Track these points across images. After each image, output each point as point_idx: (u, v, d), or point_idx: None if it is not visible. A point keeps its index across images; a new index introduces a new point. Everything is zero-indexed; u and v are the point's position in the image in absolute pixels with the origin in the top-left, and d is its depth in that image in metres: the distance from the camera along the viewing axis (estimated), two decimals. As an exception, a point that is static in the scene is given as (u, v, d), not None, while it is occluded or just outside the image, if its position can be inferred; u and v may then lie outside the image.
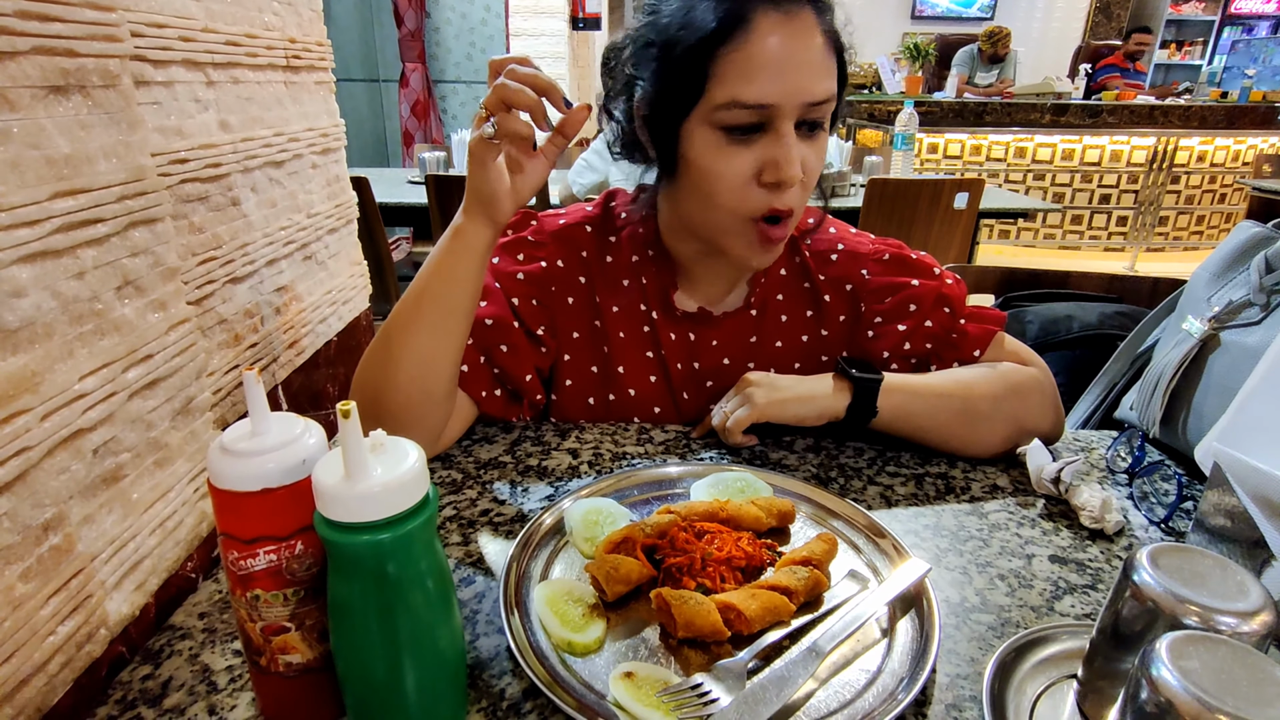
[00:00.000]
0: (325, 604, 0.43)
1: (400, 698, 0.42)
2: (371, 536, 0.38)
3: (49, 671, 0.47)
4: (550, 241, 0.87)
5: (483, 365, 0.81)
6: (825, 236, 0.90)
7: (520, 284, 0.84)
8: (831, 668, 0.51)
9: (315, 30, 0.90)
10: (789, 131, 0.71)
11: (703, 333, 0.88)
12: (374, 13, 4.71)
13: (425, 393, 0.72)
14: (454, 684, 0.46)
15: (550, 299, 0.86)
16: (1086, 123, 5.19)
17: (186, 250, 0.64)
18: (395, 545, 0.39)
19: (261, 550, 0.42)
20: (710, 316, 0.88)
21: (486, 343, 0.80)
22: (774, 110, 0.70)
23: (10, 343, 0.45)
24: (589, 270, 0.88)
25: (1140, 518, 0.72)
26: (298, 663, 0.45)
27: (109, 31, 0.53)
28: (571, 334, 0.88)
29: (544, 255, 0.86)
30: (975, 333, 0.85)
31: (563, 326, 0.87)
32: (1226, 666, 0.36)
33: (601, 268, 0.88)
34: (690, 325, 0.88)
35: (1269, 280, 0.80)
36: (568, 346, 0.88)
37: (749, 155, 0.72)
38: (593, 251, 0.88)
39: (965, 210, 2.63)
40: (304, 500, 0.41)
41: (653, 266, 0.88)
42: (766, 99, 0.69)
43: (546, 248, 0.87)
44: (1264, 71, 6.41)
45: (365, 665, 0.42)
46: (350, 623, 0.41)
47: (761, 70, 0.69)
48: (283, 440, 0.42)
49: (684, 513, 0.64)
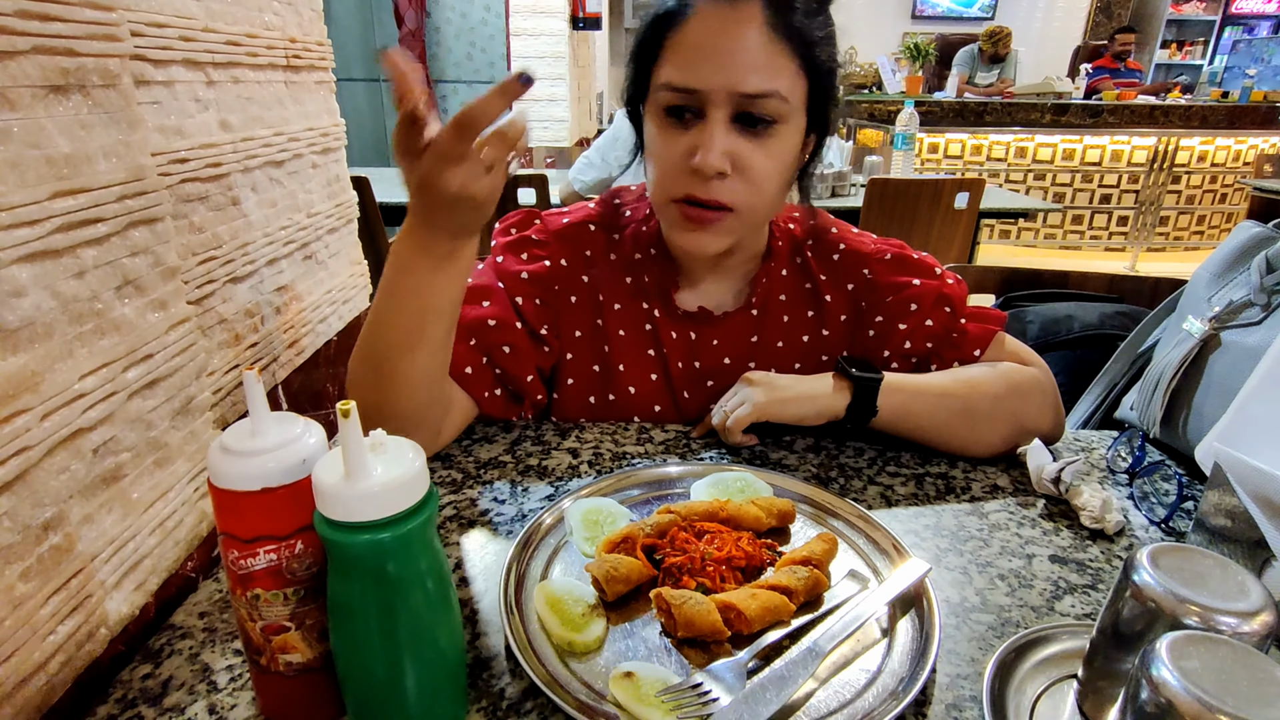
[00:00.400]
0: (325, 604, 0.43)
1: (400, 697, 0.42)
2: (371, 536, 0.38)
3: (49, 671, 0.47)
4: (554, 240, 0.87)
5: (485, 366, 0.80)
6: (827, 237, 0.91)
7: (524, 284, 0.84)
8: (831, 667, 0.51)
9: (315, 30, 0.90)
10: (716, 119, 0.71)
11: (704, 332, 0.88)
12: (374, 12, 4.70)
13: (428, 401, 0.72)
14: (454, 683, 0.46)
15: (553, 298, 0.86)
16: (1087, 123, 5.19)
17: (186, 250, 0.64)
18: (395, 545, 0.39)
19: (261, 550, 0.42)
20: (711, 316, 0.88)
21: (488, 343, 0.80)
22: (702, 96, 0.71)
23: (10, 342, 0.45)
24: (592, 269, 0.88)
25: (1140, 518, 0.72)
26: (298, 662, 0.45)
27: (109, 31, 0.53)
28: (574, 333, 0.88)
29: (547, 254, 0.86)
30: (976, 332, 0.85)
31: (566, 325, 0.87)
32: (1227, 667, 0.36)
33: (604, 266, 0.88)
34: (691, 324, 0.88)
35: (1270, 280, 0.80)
36: (570, 345, 0.88)
37: (684, 139, 0.73)
38: (596, 250, 0.89)
39: (966, 210, 2.62)
40: (304, 500, 0.41)
41: (655, 265, 0.88)
42: (692, 84, 0.71)
43: (550, 246, 0.87)
44: (1265, 71, 6.40)
45: (365, 665, 0.42)
46: (350, 623, 0.41)
47: (694, 55, 0.71)
48: (283, 440, 0.42)
49: (684, 512, 0.64)
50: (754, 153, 0.73)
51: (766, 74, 0.70)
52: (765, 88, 0.71)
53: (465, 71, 4.83)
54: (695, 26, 0.71)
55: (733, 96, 0.71)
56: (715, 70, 0.70)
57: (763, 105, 0.71)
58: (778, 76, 0.71)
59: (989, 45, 5.80)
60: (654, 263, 0.88)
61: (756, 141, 0.73)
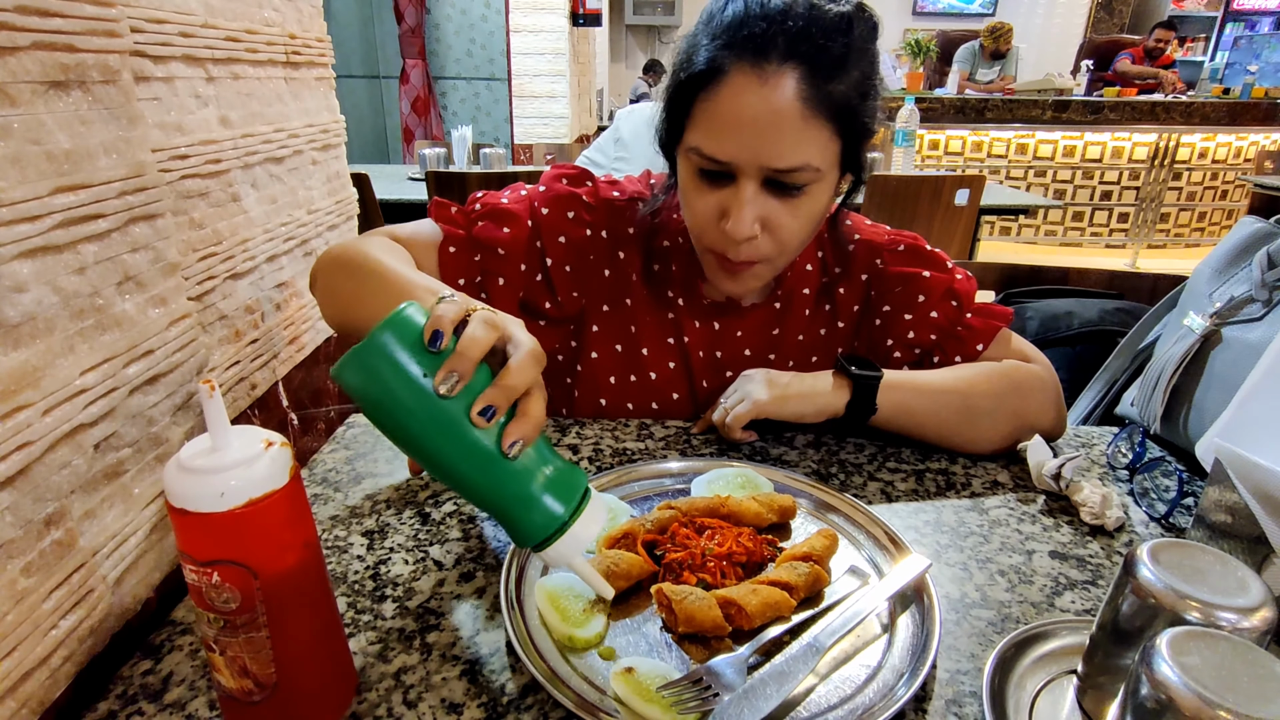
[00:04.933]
0: (247, 641, 0.41)
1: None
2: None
3: (51, 665, 0.47)
4: (602, 210, 0.87)
5: (475, 286, 0.82)
6: (844, 230, 0.91)
7: (561, 247, 0.85)
8: (832, 663, 0.51)
9: (315, 26, 0.90)
10: (747, 189, 0.70)
11: (727, 323, 0.89)
12: (374, 9, 4.70)
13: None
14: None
15: (585, 267, 0.87)
16: (1088, 119, 5.18)
17: (187, 246, 0.64)
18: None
19: (186, 565, 0.40)
20: (737, 307, 0.89)
21: (487, 267, 0.82)
22: (733, 167, 0.70)
23: (12, 338, 0.45)
24: (629, 248, 0.88)
25: (1141, 514, 0.72)
26: (224, 685, 0.43)
27: (109, 27, 0.53)
28: (601, 306, 0.88)
29: (591, 220, 0.87)
30: (980, 327, 0.85)
31: (594, 298, 0.88)
32: (1227, 662, 0.36)
33: (640, 248, 0.89)
34: (716, 315, 0.89)
35: (1271, 276, 0.80)
36: (597, 318, 0.88)
37: (714, 197, 0.73)
38: (639, 230, 0.89)
39: (966, 207, 2.62)
40: (219, 533, 0.39)
41: (683, 254, 0.88)
42: (723, 156, 0.69)
43: (597, 214, 0.87)
44: (1266, 68, 6.38)
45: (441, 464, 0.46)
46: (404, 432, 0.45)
47: (724, 127, 0.69)
48: (216, 466, 0.39)
49: (685, 508, 0.64)
50: (784, 214, 0.72)
51: (796, 147, 0.68)
52: (795, 162, 0.68)
53: (465, 68, 4.83)
54: (726, 96, 0.67)
55: (763, 170, 0.69)
56: (744, 145, 0.68)
57: (793, 176, 0.69)
58: (808, 148, 0.68)
59: (990, 41, 5.79)
60: (682, 252, 0.88)
61: (787, 204, 0.72)
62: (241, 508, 0.39)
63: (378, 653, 0.52)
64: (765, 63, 0.66)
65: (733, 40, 0.67)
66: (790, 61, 0.66)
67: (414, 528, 0.67)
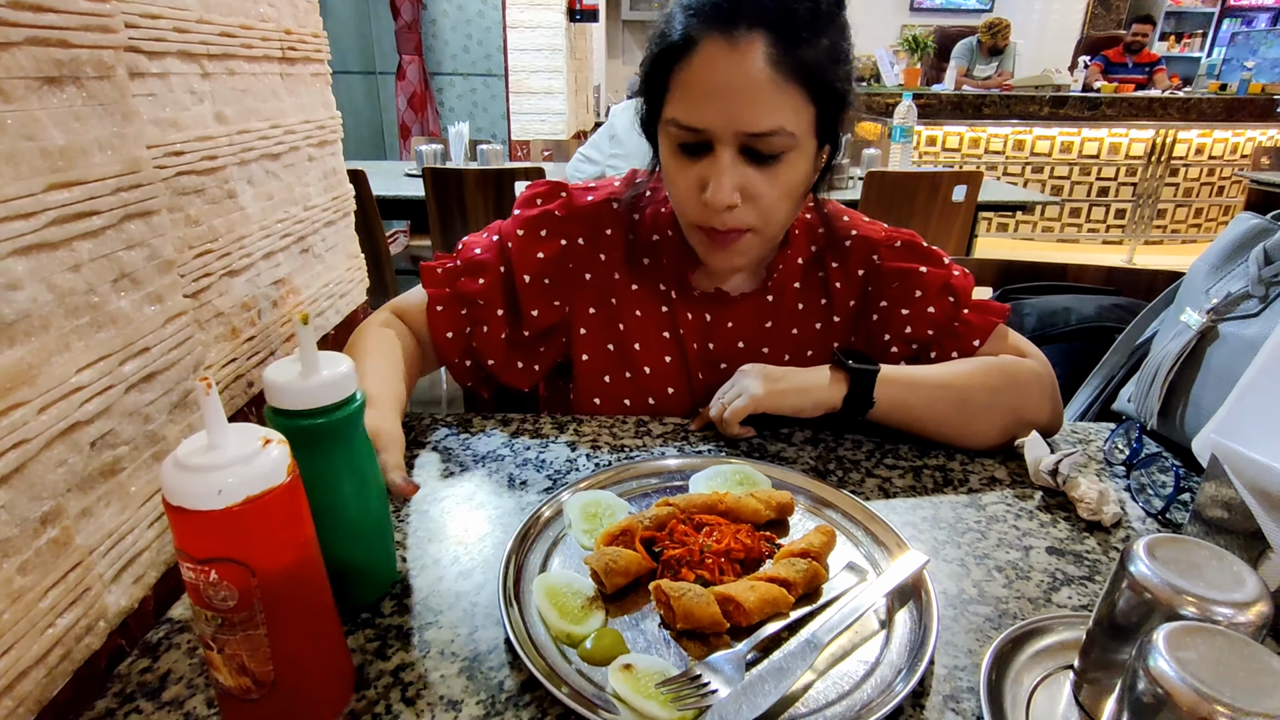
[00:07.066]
0: (245, 639, 0.41)
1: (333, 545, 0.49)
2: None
3: (48, 664, 0.47)
4: (574, 218, 0.89)
5: (464, 336, 0.88)
6: (840, 225, 0.91)
7: (538, 263, 0.87)
8: (830, 659, 0.52)
9: (311, 22, 0.89)
10: (724, 156, 0.72)
11: (719, 314, 0.90)
12: (370, 4, 4.68)
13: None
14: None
15: (566, 276, 0.88)
16: (1085, 115, 5.18)
17: (183, 243, 0.64)
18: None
19: (184, 563, 0.40)
20: (727, 297, 0.89)
21: (473, 317, 0.87)
22: (709, 134, 0.72)
23: (7, 335, 0.44)
24: (611, 248, 0.89)
25: (1137, 509, 0.72)
26: (222, 684, 0.43)
27: (103, 23, 0.52)
28: (588, 309, 0.89)
29: (566, 233, 0.88)
30: (977, 323, 0.85)
31: (579, 302, 0.89)
32: (1223, 657, 0.36)
33: (624, 246, 0.90)
34: (707, 306, 0.90)
35: (1267, 272, 0.80)
36: (583, 321, 0.89)
37: (694, 170, 0.75)
38: (617, 230, 0.90)
39: (963, 203, 2.62)
40: (217, 531, 0.39)
41: (673, 246, 0.89)
42: (698, 124, 0.72)
43: (570, 223, 0.89)
44: (1263, 64, 6.39)
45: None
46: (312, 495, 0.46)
47: (699, 95, 0.71)
48: (214, 464, 0.39)
49: (683, 505, 0.64)
50: (763, 182, 0.74)
51: (770, 111, 0.70)
52: (769, 126, 0.70)
53: (462, 64, 4.81)
54: (699, 64, 0.70)
55: (738, 135, 0.71)
56: (719, 111, 0.70)
57: (768, 142, 0.71)
58: (781, 112, 0.70)
59: (988, 37, 5.78)
60: (672, 244, 0.89)
61: (765, 172, 0.73)
62: (239, 505, 0.39)
63: (376, 650, 0.52)
64: (734, 30, 0.69)
65: (702, 10, 0.70)
66: (758, 28, 0.69)
67: (412, 525, 0.67)
